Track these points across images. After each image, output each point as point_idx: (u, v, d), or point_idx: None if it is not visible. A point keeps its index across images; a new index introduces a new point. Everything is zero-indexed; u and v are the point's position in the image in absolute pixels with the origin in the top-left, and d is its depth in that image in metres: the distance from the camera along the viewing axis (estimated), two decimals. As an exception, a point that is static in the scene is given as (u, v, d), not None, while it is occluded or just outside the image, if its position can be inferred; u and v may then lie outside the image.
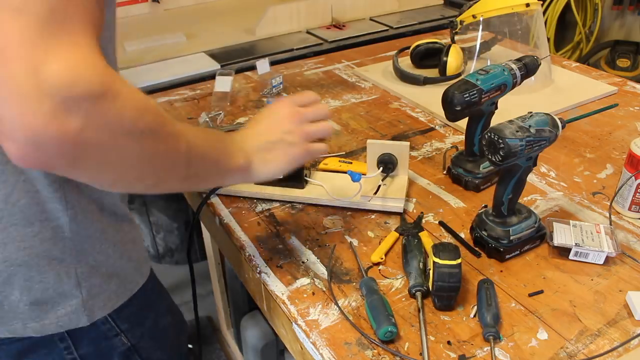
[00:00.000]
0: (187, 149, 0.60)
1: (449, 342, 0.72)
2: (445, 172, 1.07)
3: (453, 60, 1.39)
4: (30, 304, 0.65)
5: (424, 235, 0.88)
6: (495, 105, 0.97)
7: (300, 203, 0.99)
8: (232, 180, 0.72)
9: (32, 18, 0.42)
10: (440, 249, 0.76)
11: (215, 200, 1.01)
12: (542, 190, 1.01)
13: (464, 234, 0.91)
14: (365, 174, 0.98)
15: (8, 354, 0.69)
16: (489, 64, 0.95)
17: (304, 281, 0.83)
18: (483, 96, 0.91)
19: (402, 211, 0.95)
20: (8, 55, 0.41)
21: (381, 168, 0.99)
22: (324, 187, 0.98)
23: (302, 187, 0.99)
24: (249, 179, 0.73)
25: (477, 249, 0.87)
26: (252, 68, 1.52)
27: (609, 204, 0.97)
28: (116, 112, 0.47)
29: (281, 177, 0.90)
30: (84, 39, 0.45)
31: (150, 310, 0.78)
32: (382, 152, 0.99)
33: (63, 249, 0.65)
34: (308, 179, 1.01)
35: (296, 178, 0.98)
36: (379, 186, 0.95)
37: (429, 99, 1.33)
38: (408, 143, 0.98)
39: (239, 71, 1.54)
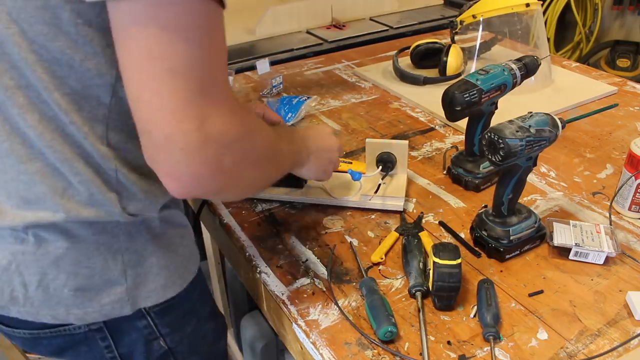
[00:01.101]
0: (282, 162, 0.71)
1: (449, 342, 0.72)
2: (445, 172, 1.07)
3: (453, 60, 1.39)
4: (75, 290, 0.66)
5: (424, 235, 0.88)
6: (495, 105, 0.97)
7: (300, 203, 0.99)
8: (290, 170, 0.81)
9: (192, 81, 0.49)
10: (440, 249, 0.76)
11: (215, 200, 1.01)
12: (542, 190, 1.01)
13: (464, 234, 0.91)
14: (364, 173, 0.98)
15: (49, 349, 0.72)
16: (488, 64, 0.95)
17: (304, 281, 0.83)
18: (483, 96, 0.91)
19: (402, 209, 0.95)
20: (178, 116, 0.49)
21: (380, 167, 0.99)
22: (324, 187, 0.98)
23: (301, 187, 0.99)
24: (301, 169, 0.83)
25: (477, 249, 0.87)
26: (252, 68, 1.52)
27: (609, 204, 0.97)
28: (252, 146, 0.57)
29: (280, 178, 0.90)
30: (226, 92, 0.53)
31: (193, 316, 0.79)
32: (380, 150, 0.99)
33: (112, 236, 0.66)
34: (306, 180, 1.00)
35: (295, 178, 0.98)
36: (379, 185, 0.95)
37: (429, 99, 1.33)
38: (406, 142, 0.98)
39: (239, 71, 1.54)
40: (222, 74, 0.53)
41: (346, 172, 0.98)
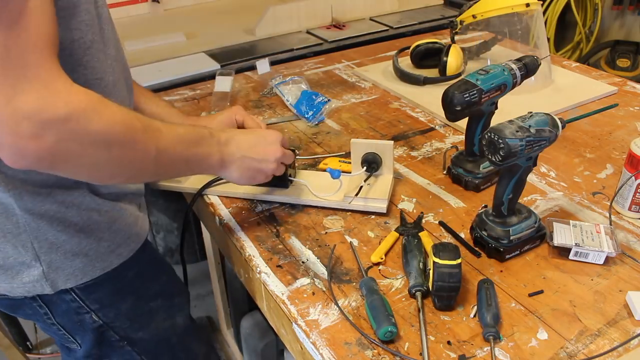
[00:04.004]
0: (156, 153, 0.69)
1: (449, 342, 0.72)
2: (445, 172, 1.07)
3: (453, 60, 1.39)
4: None
5: (424, 235, 0.88)
6: (495, 105, 0.97)
7: (285, 204, 0.99)
8: (202, 172, 0.83)
9: None
10: (440, 249, 0.76)
11: (215, 200, 1.02)
12: (542, 190, 1.01)
13: (464, 234, 0.91)
14: (348, 172, 0.98)
15: (3, 307, 0.81)
16: (489, 64, 0.95)
17: (304, 281, 0.83)
18: (483, 96, 0.91)
19: (384, 212, 0.95)
20: None
21: (365, 167, 0.98)
22: (307, 185, 0.98)
23: (287, 187, 0.99)
24: (217, 174, 0.85)
25: (477, 249, 0.87)
26: (252, 68, 1.52)
27: (609, 204, 0.97)
28: (83, 128, 0.58)
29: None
30: (44, 67, 0.55)
31: (128, 294, 0.82)
32: (366, 151, 0.99)
33: (16, 224, 0.70)
34: (293, 179, 1.00)
35: (280, 178, 0.98)
36: (361, 187, 0.94)
37: (429, 99, 1.33)
38: (391, 142, 0.97)
39: (239, 71, 1.54)
40: (35, 54, 0.54)
41: (325, 170, 0.97)
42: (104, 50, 0.72)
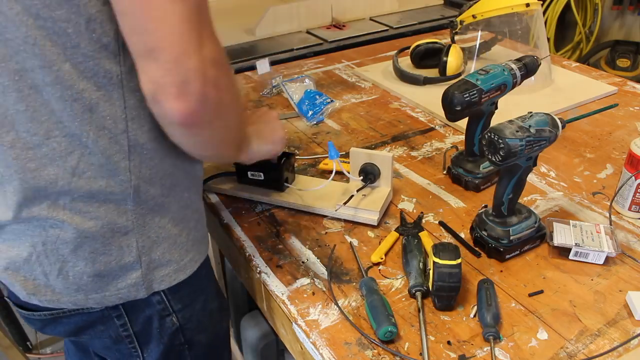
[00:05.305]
0: (243, 120, 0.75)
1: (449, 342, 0.72)
2: (445, 172, 1.07)
3: (453, 60, 1.39)
4: (93, 276, 0.69)
5: (424, 235, 0.88)
6: (495, 105, 0.97)
7: (278, 206, 0.98)
8: (233, 157, 0.86)
9: (190, 7, 0.55)
10: (440, 249, 0.76)
11: (215, 200, 1.02)
12: (542, 190, 1.01)
13: (464, 234, 0.91)
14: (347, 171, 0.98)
15: (67, 328, 0.75)
16: (488, 64, 0.95)
17: (304, 281, 0.83)
18: (483, 96, 0.91)
19: (375, 224, 0.93)
20: (185, 39, 0.55)
21: (362, 177, 0.97)
22: (300, 192, 0.97)
23: (282, 190, 0.99)
24: (248, 149, 0.85)
25: (477, 249, 0.87)
26: (252, 68, 1.52)
27: (609, 204, 0.97)
28: (233, 79, 0.63)
29: (262, 179, 0.91)
30: (212, 23, 0.59)
31: (201, 293, 0.81)
32: (365, 161, 0.96)
33: (126, 221, 0.68)
34: (289, 185, 0.99)
35: (277, 181, 0.98)
36: (352, 195, 0.93)
37: (429, 99, 1.33)
38: (391, 154, 0.95)
39: (238, 71, 1.54)
40: (209, 14, 0.59)
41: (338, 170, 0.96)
42: None
